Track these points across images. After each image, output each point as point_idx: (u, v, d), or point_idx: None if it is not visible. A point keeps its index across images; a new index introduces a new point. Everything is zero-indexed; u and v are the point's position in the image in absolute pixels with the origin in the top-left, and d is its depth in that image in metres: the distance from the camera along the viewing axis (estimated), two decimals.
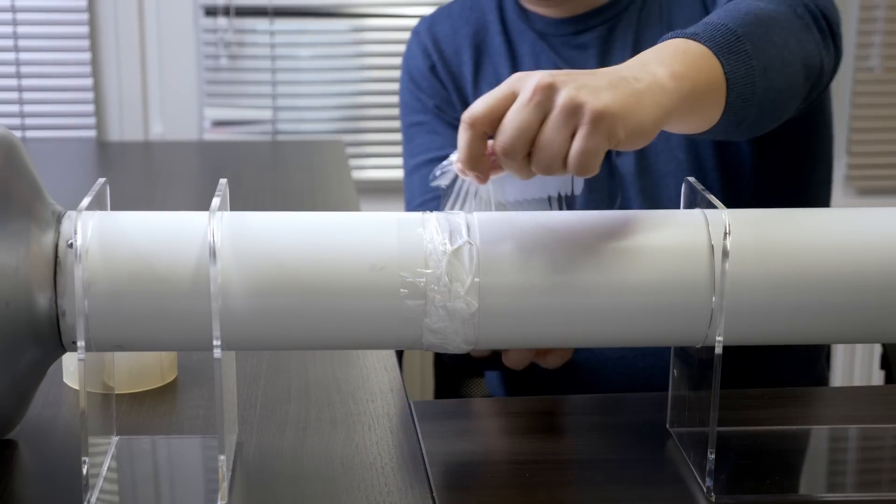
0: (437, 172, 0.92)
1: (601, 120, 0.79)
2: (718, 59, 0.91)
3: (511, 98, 0.81)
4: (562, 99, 0.79)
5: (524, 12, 1.31)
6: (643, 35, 1.26)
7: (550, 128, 0.80)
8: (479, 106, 0.82)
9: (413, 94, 1.37)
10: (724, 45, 0.92)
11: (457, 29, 1.34)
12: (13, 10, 2.39)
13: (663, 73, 0.86)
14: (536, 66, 1.29)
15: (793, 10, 1.03)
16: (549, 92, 0.80)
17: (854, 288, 0.85)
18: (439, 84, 1.35)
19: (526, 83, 0.81)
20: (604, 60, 1.26)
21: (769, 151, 1.23)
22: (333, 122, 2.56)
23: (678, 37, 0.93)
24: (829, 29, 1.07)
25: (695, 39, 0.92)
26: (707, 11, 1.23)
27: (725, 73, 0.91)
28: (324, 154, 2.13)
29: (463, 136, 0.82)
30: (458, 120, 1.33)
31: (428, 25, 1.37)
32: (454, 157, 0.85)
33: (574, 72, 0.82)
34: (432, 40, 1.36)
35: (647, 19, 1.26)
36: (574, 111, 0.79)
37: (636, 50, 1.25)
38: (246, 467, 0.89)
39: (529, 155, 0.81)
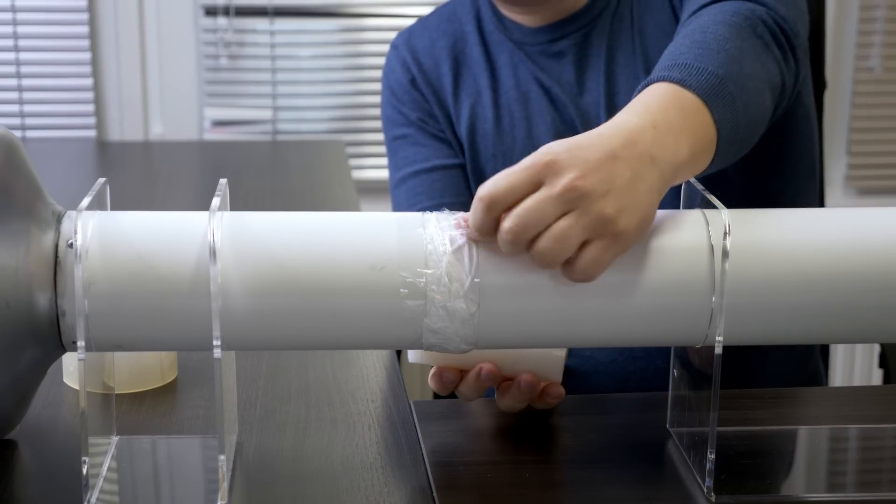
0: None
1: (623, 240, 0.81)
2: (709, 109, 0.91)
3: (534, 186, 0.80)
4: (594, 211, 0.79)
5: (501, 22, 1.31)
6: (616, 42, 1.26)
7: (570, 233, 0.79)
8: (501, 188, 0.80)
9: (395, 108, 1.38)
10: (712, 93, 0.92)
11: (435, 41, 1.35)
12: (13, 10, 2.39)
13: (672, 144, 0.85)
14: (515, 75, 1.29)
15: (753, 30, 1.03)
16: (581, 199, 0.79)
17: (854, 288, 0.85)
18: (420, 97, 1.35)
19: (557, 179, 0.79)
20: (580, 68, 1.27)
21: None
22: (333, 122, 2.56)
23: (666, 80, 0.92)
24: (787, 43, 1.06)
25: (684, 86, 0.91)
26: (676, 17, 1.23)
27: (716, 123, 0.91)
28: (324, 154, 2.13)
29: (478, 214, 0.81)
30: (441, 132, 1.34)
31: (406, 39, 1.38)
32: (460, 217, 0.84)
33: (596, 166, 0.80)
34: (411, 53, 1.36)
35: (619, 24, 1.26)
36: (602, 226, 0.79)
37: (610, 57, 1.26)
38: (246, 467, 0.89)
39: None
